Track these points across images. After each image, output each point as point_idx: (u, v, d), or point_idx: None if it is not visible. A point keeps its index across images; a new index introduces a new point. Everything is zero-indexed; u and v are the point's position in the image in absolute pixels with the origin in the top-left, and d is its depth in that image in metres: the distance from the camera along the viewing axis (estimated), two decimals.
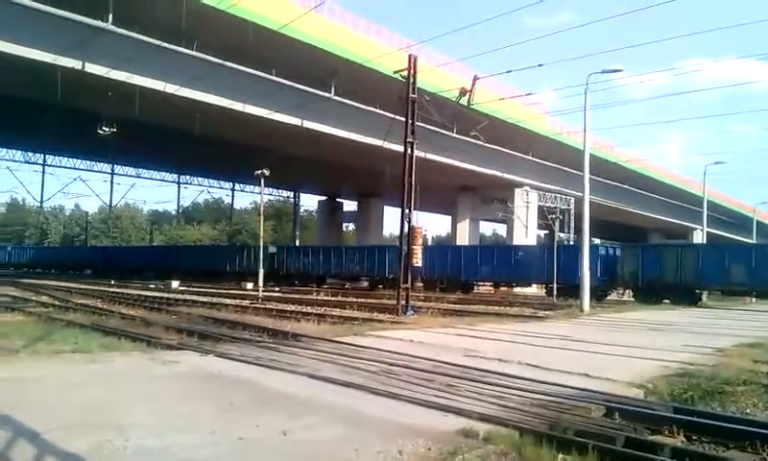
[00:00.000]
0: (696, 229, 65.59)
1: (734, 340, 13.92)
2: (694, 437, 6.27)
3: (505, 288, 40.39)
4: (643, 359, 10.67)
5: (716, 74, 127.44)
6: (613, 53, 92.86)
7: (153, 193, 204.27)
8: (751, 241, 61.45)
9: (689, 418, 6.58)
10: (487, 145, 42.78)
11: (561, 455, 5.33)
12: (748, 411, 7.68)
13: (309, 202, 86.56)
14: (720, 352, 11.73)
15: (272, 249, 49.06)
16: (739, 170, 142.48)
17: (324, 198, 72.60)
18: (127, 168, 67.42)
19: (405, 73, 22.01)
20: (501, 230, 79.21)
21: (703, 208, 45.92)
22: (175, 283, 39.29)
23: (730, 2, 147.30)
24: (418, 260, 22.32)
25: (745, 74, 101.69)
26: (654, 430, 6.30)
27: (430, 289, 37.38)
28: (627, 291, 34.45)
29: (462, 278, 38.98)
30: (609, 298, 34.62)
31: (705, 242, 46.37)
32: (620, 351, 11.85)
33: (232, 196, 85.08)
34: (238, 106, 32.57)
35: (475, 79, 27.17)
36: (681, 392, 8.24)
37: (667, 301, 30.70)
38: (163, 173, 69.97)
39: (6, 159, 60.75)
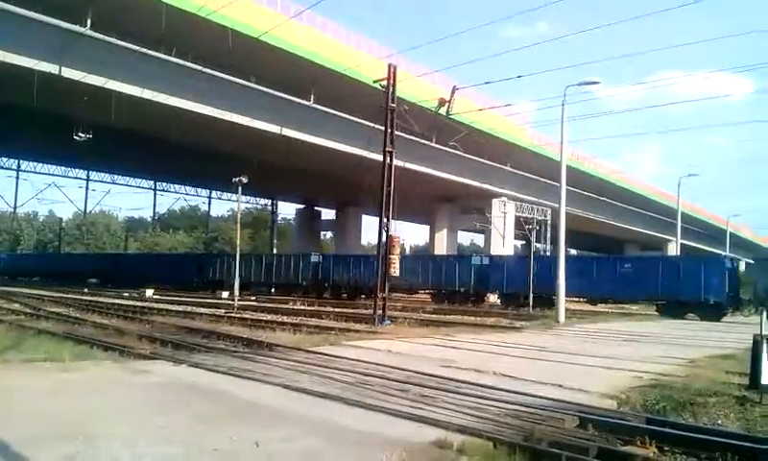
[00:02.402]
0: (671, 240, 66.46)
1: (708, 351, 14.11)
2: (666, 448, 6.35)
3: (595, 306, 36.03)
4: (617, 370, 10.79)
5: (691, 87, 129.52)
6: (591, 65, 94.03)
7: (128, 200, 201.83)
8: (724, 253, 62.40)
9: (661, 429, 6.67)
10: (465, 155, 42.98)
11: None
12: (719, 422, 7.77)
13: (287, 210, 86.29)
14: (692, 364, 11.89)
15: (314, 257, 45.23)
16: (713, 182, 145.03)
17: (301, 206, 72.37)
18: (102, 174, 66.66)
19: (385, 82, 22.09)
20: (479, 239, 79.61)
21: (677, 220, 46.57)
22: (149, 292, 38.89)
23: (704, 16, 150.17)
24: (396, 270, 22.33)
25: (719, 87, 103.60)
26: (626, 441, 6.36)
27: (512, 304, 33.95)
28: (755, 310, 29.65)
29: (551, 291, 33.31)
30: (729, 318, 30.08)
31: (678, 254, 46.93)
32: (595, 361, 11.97)
33: (209, 203, 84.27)
34: (216, 113, 32.34)
35: (454, 89, 27.35)
36: (653, 403, 8.33)
37: None
38: (139, 179, 69.22)
39: None
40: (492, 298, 38.29)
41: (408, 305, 32.51)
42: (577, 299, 35.80)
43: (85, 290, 41.17)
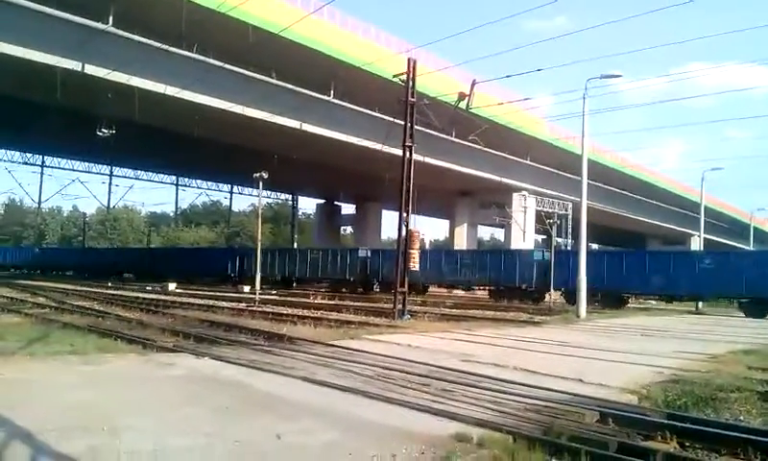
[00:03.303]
0: (694, 234, 65.76)
1: (728, 346, 13.97)
2: (687, 443, 6.32)
3: (670, 304, 34.74)
4: (637, 365, 10.72)
5: (715, 79, 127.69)
6: (611, 57, 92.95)
7: (151, 195, 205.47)
8: (748, 248, 61.59)
9: (682, 424, 6.62)
10: (485, 149, 42.84)
11: (553, 460, 5.36)
12: (741, 418, 7.71)
13: (307, 205, 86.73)
14: (714, 359, 11.78)
15: (362, 252, 43.06)
16: (736, 176, 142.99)
17: (322, 201, 72.65)
18: (125, 170, 67.34)
19: (404, 77, 22.08)
20: (498, 234, 79.31)
21: (700, 214, 46.01)
22: (171, 285, 39.24)
23: (728, 7, 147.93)
24: (415, 264, 22.35)
25: (744, 79, 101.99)
26: (647, 436, 6.33)
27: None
28: None
29: (622, 289, 32.90)
30: None
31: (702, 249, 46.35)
32: (615, 356, 11.90)
33: (230, 198, 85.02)
34: (237, 108, 32.57)
35: (474, 83, 27.24)
36: (674, 398, 8.27)
37: None
38: (161, 175, 69.86)
39: (4, 160, 60.35)
40: (555, 295, 34.98)
41: (427, 300, 32.48)
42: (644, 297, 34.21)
43: (109, 284, 41.61)
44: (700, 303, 33.23)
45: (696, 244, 57.26)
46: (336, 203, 72.05)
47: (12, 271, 67.68)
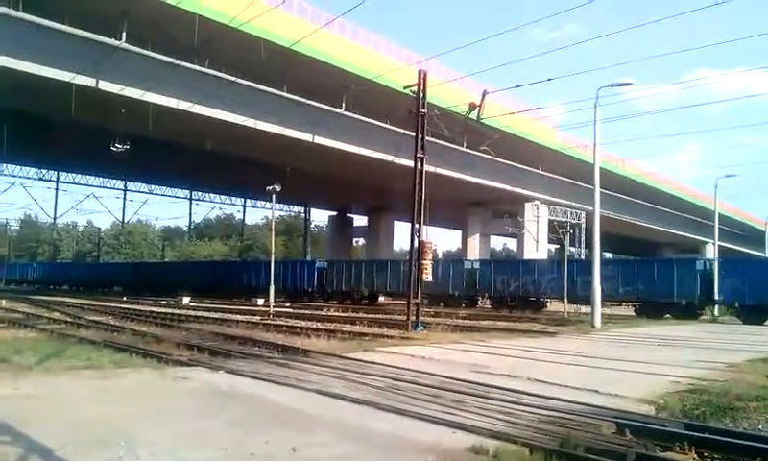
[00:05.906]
0: (708, 242, 65.24)
1: (746, 355, 13.83)
2: (706, 454, 6.24)
3: None
4: (654, 375, 10.64)
5: (726, 86, 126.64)
6: (622, 66, 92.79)
7: (165, 209, 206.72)
8: (764, 255, 60.98)
9: (701, 434, 6.55)
10: (497, 159, 42.79)
11: None
12: (760, 427, 7.62)
13: (320, 217, 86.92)
14: (731, 368, 11.66)
15: (467, 263, 40.57)
16: (750, 183, 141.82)
17: (334, 213, 72.77)
18: (139, 184, 67.89)
19: (415, 88, 22.14)
20: (511, 244, 79.07)
21: (714, 222, 45.65)
22: (186, 299, 39.45)
23: (739, 13, 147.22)
24: (428, 275, 22.30)
25: (755, 85, 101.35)
26: (665, 447, 6.26)
27: (759, 320, 28.35)
28: None
29: None
30: None
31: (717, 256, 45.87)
32: (631, 366, 11.81)
33: (243, 212, 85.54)
34: (250, 122, 32.76)
35: (485, 93, 27.33)
36: (692, 408, 8.19)
37: None
38: (175, 189, 70.29)
39: (20, 176, 60.92)
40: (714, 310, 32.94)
41: (441, 311, 32.33)
42: None
43: (124, 298, 41.84)
44: (716, 312, 32.74)
45: (710, 252, 56.72)
46: (348, 214, 72.11)
47: (27, 286, 68.27)
